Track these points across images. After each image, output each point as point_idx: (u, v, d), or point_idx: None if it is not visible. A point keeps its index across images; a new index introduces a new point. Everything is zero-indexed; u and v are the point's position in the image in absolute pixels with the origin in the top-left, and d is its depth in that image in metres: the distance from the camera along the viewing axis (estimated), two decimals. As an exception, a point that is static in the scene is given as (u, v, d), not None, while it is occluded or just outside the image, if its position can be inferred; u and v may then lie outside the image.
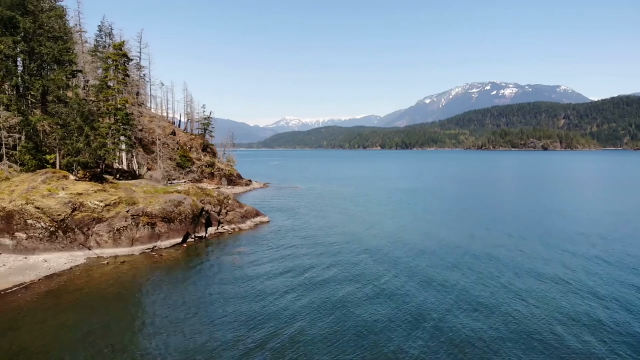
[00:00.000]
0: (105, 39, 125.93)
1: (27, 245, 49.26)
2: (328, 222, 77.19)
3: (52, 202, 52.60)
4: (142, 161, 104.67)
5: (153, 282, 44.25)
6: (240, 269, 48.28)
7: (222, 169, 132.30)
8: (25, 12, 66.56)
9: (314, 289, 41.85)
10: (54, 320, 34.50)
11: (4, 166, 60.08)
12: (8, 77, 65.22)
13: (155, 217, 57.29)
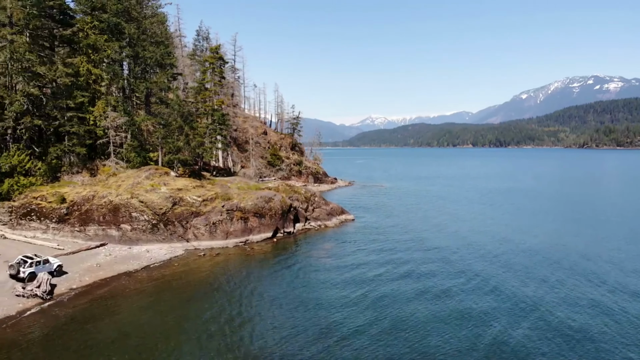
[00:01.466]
0: (202, 43, 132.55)
1: (131, 236, 53.15)
2: (414, 221, 75.60)
3: (155, 196, 56.33)
4: (236, 159, 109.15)
5: (245, 274, 45.88)
6: (326, 266, 48.63)
7: (309, 167, 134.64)
8: (130, 19, 71.84)
9: (399, 290, 41.14)
10: (153, 306, 36.84)
11: (112, 163, 65.33)
12: (115, 80, 70.81)
13: (248, 212, 59.42)
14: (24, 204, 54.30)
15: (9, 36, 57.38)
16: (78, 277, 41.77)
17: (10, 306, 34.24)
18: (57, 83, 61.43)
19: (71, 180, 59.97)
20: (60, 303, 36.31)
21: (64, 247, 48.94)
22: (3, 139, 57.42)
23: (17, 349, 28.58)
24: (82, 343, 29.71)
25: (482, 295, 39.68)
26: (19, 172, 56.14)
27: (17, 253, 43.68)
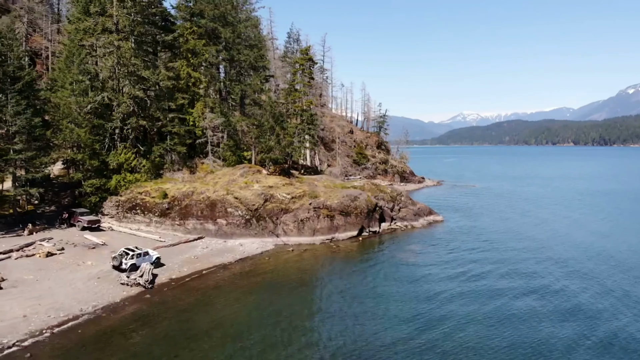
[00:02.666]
0: (293, 45, 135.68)
1: (226, 230, 55.72)
2: (507, 225, 71.83)
3: (248, 193, 58.62)
4: (323, 158, 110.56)
5: (331, 270, 46.36)
6: (411, 267, 47.70)
7: (396, 166, 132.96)
8: (226, 24, 75.15)
9: (486, 297, 39.05)
10: (246, 298, 38.26)
11: (209, 161, 68.86)
12: (213, 82, 74.53)
13: (334, 210, 59.94)
14: (130, 199, 58.82)
15: (116, 42, 62.35)
16: (177, 267, 44.47)
17: (116, 294, 37.12)
18: (159, 86, 65.77)
19: (172, 177, 64.01)
20: (160, 292, 38.85)
21: (165, 239, 52.37)
22: (112, 138, 62.54)
23: (120, 334, 30.93)
24: (179, 331, 31.58)
25: (555, 320, 36.82)
26: (125, 169, 60.84)
27: (123, 244, 47.37)
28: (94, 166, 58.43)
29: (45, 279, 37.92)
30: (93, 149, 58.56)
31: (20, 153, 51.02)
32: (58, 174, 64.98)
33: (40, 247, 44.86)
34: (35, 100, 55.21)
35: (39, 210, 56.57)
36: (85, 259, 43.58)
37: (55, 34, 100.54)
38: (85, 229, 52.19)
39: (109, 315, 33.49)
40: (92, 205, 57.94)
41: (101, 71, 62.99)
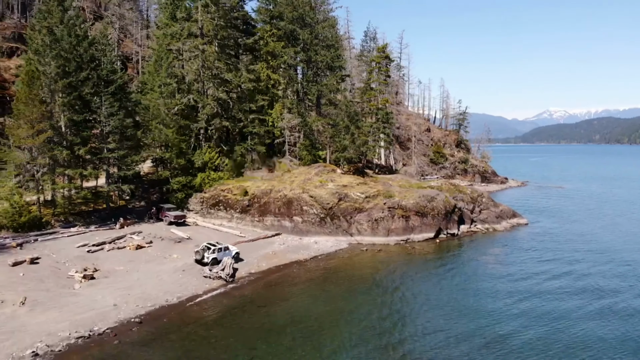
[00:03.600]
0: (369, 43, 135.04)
1: (302, 227, 56.75)
2: (598, 229, 67.07)
3: (323, 192, 59.32)
4: (398, 157, 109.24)
5: (405, 272, 45.74)
6: (492, 272, 45.86)
7: (476, 166, 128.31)
8: (304, 25, 76.40)
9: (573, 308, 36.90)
10: (320, 295, 38.78)
11: (287, 160, 70.47)
12: (291, 83, 76.10)
13: (410, 210, 59.06)
14: (213, 196, 61.56)
15: (201, 46, 65.38)
16: (256, 262, 45.98)
17: (199, 286, 39.03)
18: (241, 88, 68.17)
19: (252, 176, 66.19)
20: (240, 286, 40.37)
21: (245, 235, 54.33)
22: (197, 138, 65.79)
23: (202, 324, 32.50)
24: (257, 324, 32.65)
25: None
26: (209, 168, 63.77)
27: (206, 239, 49.66)
28: (180, 165, 61.87)
29: (134, 271, 40.66)
30: (180, 148, 61.95)
31: (113, 152, 54.95)
32: (147, 172, 69.38)
33: (130, 240, 48.14)
34: (127, 102, 59.16)
35: (129, 205, 60.68)
36: (171, 252, 46.24)
37: (144, 39, 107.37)
38: (172, 223, 55.31)
39: (192, 307, 35.30)
40: (178, 201, 61.33)
41: (187, 74, 66.36)
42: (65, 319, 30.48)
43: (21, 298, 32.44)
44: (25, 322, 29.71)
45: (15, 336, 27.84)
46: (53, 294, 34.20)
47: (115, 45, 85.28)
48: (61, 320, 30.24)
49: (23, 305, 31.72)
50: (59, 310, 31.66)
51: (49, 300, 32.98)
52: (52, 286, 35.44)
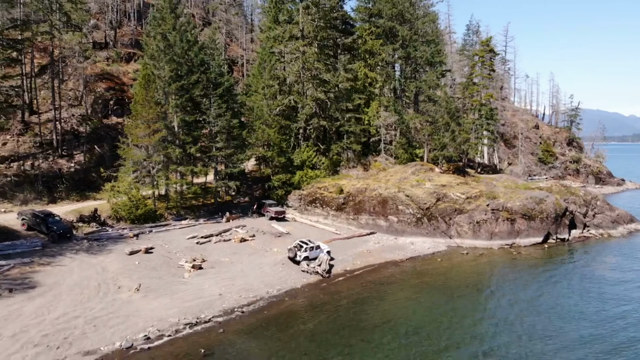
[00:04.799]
0: (472, 37, 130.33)
1: (397, 227, 56.02)
2: None
3: (420, 191, 58.08)
4: (503, 156, 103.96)
5: (509, 278, 43.41)
6: (604, 282, 41.99)
7: (589, 166, 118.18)
8: (403, 22, 75.33)
9: None
10: (416, 297, 38.05)
11: (382, 159, 69.96)
12: (388, 81, 75.43)
13: (515, 213, 55.91)
14: (311, 193, 62.87)
15: (301, 48, 66.92)
16: (351, 260, 46.24)
17: (297, 280, 40.09)
18: (339, 87, 68.81)
19: (348, 174, 66.64)
20: (336, 282, 40.83)
21: (340, 232, 54.85)
22: (296, 137, 67.58)
23: (300, 317, 33.36)
24: (352, 321, 32.83)
25: None
26: (307, 166, 65.24)
27: (304, 234, 50.87)
28: (281, 163, 64.10)
29: (238, 262, 42.70)
30: (280, 147, 64.12)
31: (220, 150, 58.04)
32: (251, 170, 72.54)
33: (235, 233, 50.61)
34: (233, 104, 62.18)
35: (235, 200, 63.82)
36: (272, 246, 47.96)
37: (249, 42, 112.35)
38: (273, 219, 57.33)
39: (291, 300, 36.35)
40: (279, 197, 63.51)
41: (288, 76, 68.32)
42: (175, 306, 32.80)
43: (136, 285, 35.39)
44: (139, 307, 32.36)
45: (129, 320, 30.41)
46: (165, 281, 36.95)
47: (223, 49, 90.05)
48: (171, 307, 32.59)
49: (138, 291, 34.60)
50: (169, 297, 34.15)
51: (160, 288, 35.68)
52: (164, 274, 38.31)
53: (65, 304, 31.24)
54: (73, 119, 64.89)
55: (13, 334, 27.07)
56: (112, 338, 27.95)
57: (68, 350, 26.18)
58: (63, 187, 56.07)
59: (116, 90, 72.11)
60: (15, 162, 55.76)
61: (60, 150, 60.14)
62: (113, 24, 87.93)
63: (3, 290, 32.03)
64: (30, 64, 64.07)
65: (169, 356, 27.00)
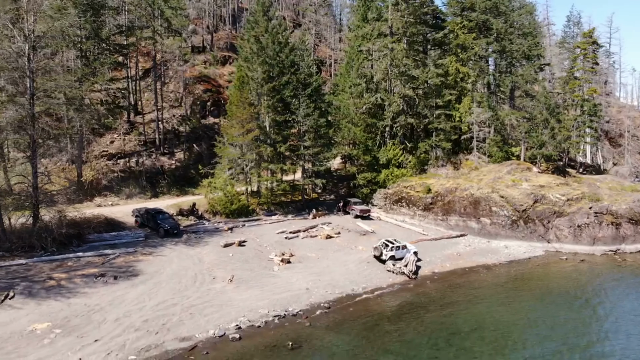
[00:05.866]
0: (572, 29, 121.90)
1: (490, 230, 53.63)
2: None
3: (515, 192, 55.20)
4: (607, 155, 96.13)
5: (611, 285, 40.21)
6: None
7: None
8: (498, 14, 72.00)
9: None
10: (510, 304, 36.23)
11: (474, 157, 67.33)
12: (481, 76, 72.45)
13: (621, 217, 51.46)
14: (396, 192, 62.03)
15: (390, 44, 66.16)
16: (440, 262, 45.01)
17: (382, 279, 39.70)
18: (428, 84, 67.28)
19: (436, 173, 64.95)
20: (423, 284, 39.95)
21: (427, 233, 53.59)
22: (382, 135, 66.96)
23: (385, 317, 33.03)
24: (441, 325, 31.98)
25: None
26: (393, 164, 64.42)
27: (389, 234, 50.30)
28: (366, 161, 63.89)
29: (324, 258, 43.18)
30: (366, 145, 63.92)
31: (308, 149, 59.03)
32: (337, 168, 73.13)
33: (321, 230, 51.24)
34: (320, 103, 62.90)
35: (321, 198, 64.69)
36: (357, 243, 47.99)
37: (337, 42, 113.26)
38: (358, 217, 57.32)
39: (376, 298, 36.11)
40: (364, 196, 63.34)
41: (375, 73, 67.98)
42: (265, 298, 33.86)
43: (229, 276, 36.97)
44: (232, 297, 33.74)
45: (223, 309, 31.77)
46: (256, 274, 38.27)
47: (312, 50, 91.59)
48: (262, 299, 33.68)
49: (231, 282, 36.13)
50: (260, 289, 35.31)
51: (252, 279, 37.00)
52: (255, 267, 39.70)
53: (165, 292, 33.36)
54: (174, 119, 69.32)
55: (116, 318, 29.29)
56: (206, 326, 29.40)
57: (166, 336, 27.90)
58: (164, 182, 60.12)
59: (213, 92, 75.90)
60: (122, 159, 60.57)
61: (162, 149, 64.50)
62: (210, 28, 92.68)
63: (109, 277, 34.81)
64: (135, 67, 69.33)
65: (258, 346, 27.92)
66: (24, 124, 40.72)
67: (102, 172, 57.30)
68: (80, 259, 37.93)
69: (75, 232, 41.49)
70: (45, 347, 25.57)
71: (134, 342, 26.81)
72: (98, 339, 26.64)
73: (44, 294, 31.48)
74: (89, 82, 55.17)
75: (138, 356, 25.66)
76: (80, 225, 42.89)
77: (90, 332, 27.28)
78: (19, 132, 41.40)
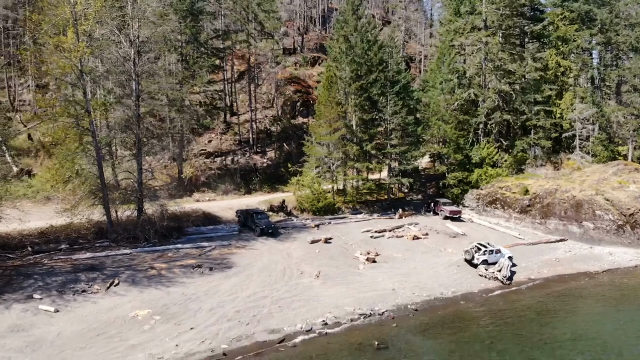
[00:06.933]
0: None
1: (593, 235, 49.69)
2: None
3: (622, 195, 50.77)
4: None
5: None
6: None
7: None
8: (602, 4, 66.90)
9: None
10: (613, 315, 33.59)
11: (576, 157, 62.88)
12: (584, 70, 67.54)
13: None
14: (490, 193, 59.44)
15: (484, 38, 63.64)
16: (536, 268, 42.54)
17: (473, 284, 38.24)
18: (525, 78, 63.91)
19: (534, 173, 61.47)
20: (517, 290, 37.96)
21: (524, 237, 50.77)
22: (475, 133, 64.55)
23: (476, 323, 31.86)
24: (535, 333, 30.30)
25: None
26: (487, 163, 61.81)
27: (482, 237, 48.28)
28: (457, 160, 61.82)
29: (411, 260, 42.48)
30: (457, 143, 61.86)
31: (395, 147, 58.39)
32: (425, 167, 71.63)
33: (408, 230, 50.47)
34: (409, 101, 61.98)
35: (407, 197, 63.70)
36: (446, 246, 46.67)
37: (427, 38, 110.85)
38: (447, 218, 55.72)
39: (466, 303, 34.92)
40: (454, 196, 61.40)
41: (468, 68, 65.80)
42: (350, 295, 34.02)
43: (316, 271, 37.59)
44: (318, 293, 34.28)
45: (309, 304, 32.38)
46: (341, 271, 38.58)
47: (401, 47, 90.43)
48: (347, 296, 33.88)
49: (317, 278, 36.72)
50: (345, 287, 35.54)
51: (337, 276, 37.34)
52: (340, 264, 40.03)
53: (255, 284, 34.67)
54: (266, 119, 71.91)
55: (211, 307, 30.89)
56: (294, 320, 30.16)
57: (256, 327, 28.99)
58: (257, 180, 62.56)
59: (302, 93, 77.58)
60: (219, 157, 63.92)
61: (255, 148, 67.18)
62: (300, 30, 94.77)
63: (205, 268, 36.81)
64: (231, 70, 72.68)
65: (344, 344, 28.14)
66: (130, 124, 44.28)
67: (201, 170, 60.88)
68: (179, 251, 40.54)
69: (176, 225, 44.38)
70: (146, 332, 27.60)
71: (227, 332, 28.15)
72: (193, 327, 28.30)
73: (146, 282, 34.00)
74: (188, 84, 58.87)
75: (230, 345, 26.92)
76: (180, 218, 45.84)
77: (186, 320, 29.05)
78: (125, 132, 45.15)
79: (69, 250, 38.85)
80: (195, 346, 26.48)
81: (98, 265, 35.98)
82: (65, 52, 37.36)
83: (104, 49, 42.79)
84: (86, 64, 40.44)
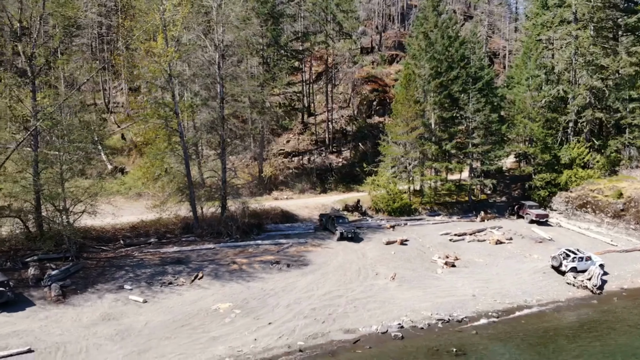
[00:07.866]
0: None
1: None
2: None
3: None
4: None
5: None
6: None
7: None
8: None
9: None
10: None
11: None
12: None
13: None
14: (580, 196, 55.72)
15: (574, 32, 59.82)
16: (630, 277, 39.50)
17: (560, 292, 36.12)
18: (619, 74, 59.40)
19: (629, 175, 56.83)
20: (608, 300, 35.44)
21: (616, 243, 47.15)
22: (564, 132, 60.81)
23: (562, 334, 30.30)
24: (629, 347, 28.40)
25: None
26: (577, 164, 57.96)
27: (570, 242, 45.47)
28: (545, 160, 58.33)
29: (493, 265, 40.88)
30: (545, 143, 58.40)
31: (477, 147, 56.39)
32: (509, 167, 68.55)
33: (490, 234, 48.60)
34: (492, 98, 59.54)
35: (490, 199, 61.27)
36: (531, 251, 44.38)
37: (512, 32, 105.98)
38: (533, 222, 52.93)
39: (553, 313, 33.13)
40: (541, 199, 58.09)
41: (557, 64, 62.21)
42: (428, 300, 33.38)
43: (392, 273, 37.18)
44: (394, 295, 33.93)
45: (385, 306, 32.13)
46: (418, 274, 37.93)
47: (483, 42, 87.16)
48: (424, 300, 33.27)
49: (393, 280, 36.33)
50: (422, 290, 34.90)
51: (414, 280, 36.76)
52: (417, 267, 39.37)
53: (331, 283, 35.01)
54: (342, 119, 72.28)
55: (288, 304, 31.59)
56: (369, 321, 30.11)
57: (332, 326, 29.26)
58: (332, 179, 63.01)
59: (379, 92, 77.05)
60: (296, 157, 65.19)
61: (331, 147, 67.79)
62: (378, 28, 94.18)
63: (283, 265, 37.76)
64: (309, 71, 73.69)
65: (421, 348, 27.70)
66: (215, 125, 46.36)
67: (279, 169, 62.50)
68: (259, 246, 41.94)
69: (256, 222, 46.02)
70: (226, 325, 28.76)
71: (303, 329, 28.66)
72: (271, 322, 29.11)
73: (228, 276, 35.45)
74: (269, 86, 60.46)
75: (306, 342, 27.38)
76: (260, 216, 47.42)
77: (265, 315, 29.94)
78: (211, 132, 47.35)
79: (158, 244, 41.45)
80: (273, 341, 27.20)
81: (184, 259, 38.05)
82: (155, 57, 39.84)
83: (190, 53, 45.11)
84: (174, 68, 42.74)
